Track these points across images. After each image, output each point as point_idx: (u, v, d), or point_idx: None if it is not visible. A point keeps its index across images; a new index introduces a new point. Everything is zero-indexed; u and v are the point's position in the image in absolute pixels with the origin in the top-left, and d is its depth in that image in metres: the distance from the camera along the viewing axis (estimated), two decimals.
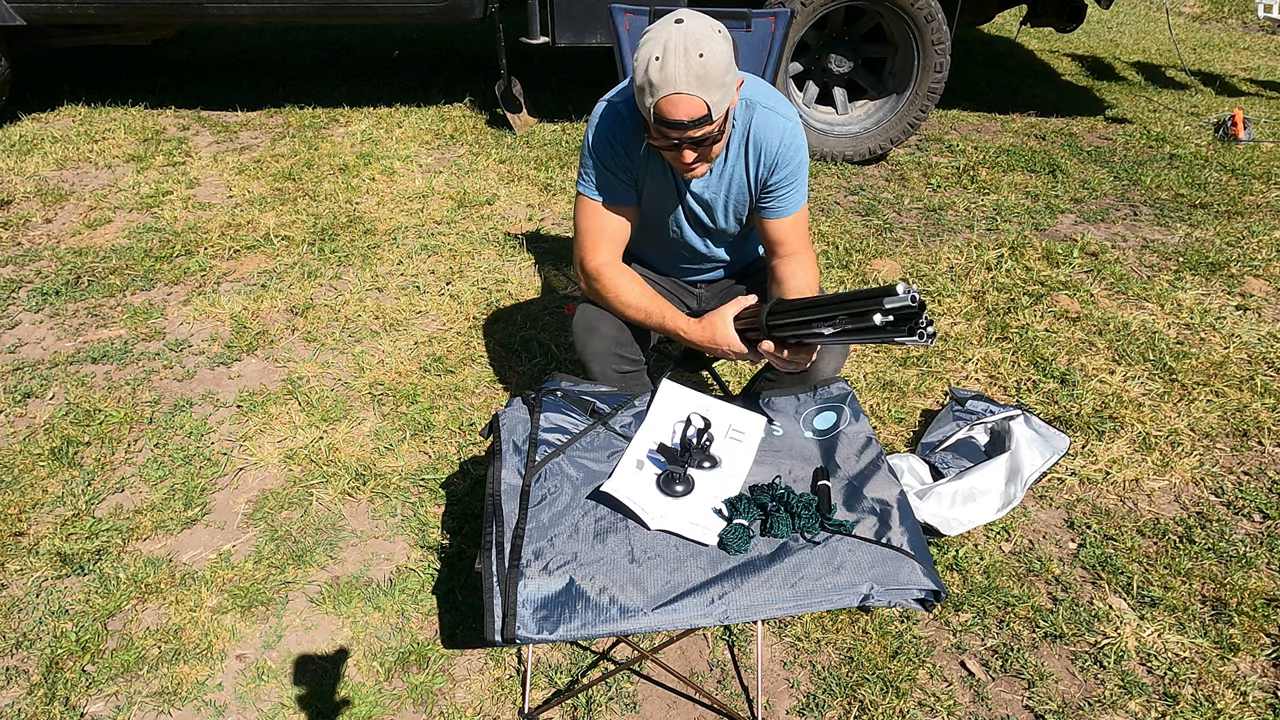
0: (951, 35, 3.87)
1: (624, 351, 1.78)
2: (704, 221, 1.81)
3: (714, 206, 1.78)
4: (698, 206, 1.78)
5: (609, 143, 1.67)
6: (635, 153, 1.67)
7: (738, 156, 1.70)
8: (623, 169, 1.68)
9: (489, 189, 3.74)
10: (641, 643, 1.76)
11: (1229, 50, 6.63)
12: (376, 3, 4.02)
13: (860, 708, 1.67)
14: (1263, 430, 2.42)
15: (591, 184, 1.71)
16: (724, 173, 1.72)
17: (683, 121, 1.45)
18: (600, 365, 1.78)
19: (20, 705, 1.64)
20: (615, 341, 1.77)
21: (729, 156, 1.70)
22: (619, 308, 1.71)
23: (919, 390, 2.55)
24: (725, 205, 1.78)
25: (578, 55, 5.46)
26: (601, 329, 1.77)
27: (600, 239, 1.72)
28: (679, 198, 1.77)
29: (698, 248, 1.89)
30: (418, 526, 2.06)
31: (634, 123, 1.65)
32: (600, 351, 1.77)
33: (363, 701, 1.67)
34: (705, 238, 1.87)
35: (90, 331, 2.75)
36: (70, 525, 2.03)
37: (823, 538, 1.40)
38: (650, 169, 1.72)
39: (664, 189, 1.75)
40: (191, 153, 4.07)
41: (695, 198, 1.76)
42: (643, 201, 1.77)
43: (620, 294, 1.70)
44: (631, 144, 1.67)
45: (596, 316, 1.80)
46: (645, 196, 1.77)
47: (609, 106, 1.69)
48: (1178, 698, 1.69)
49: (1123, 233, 3.55)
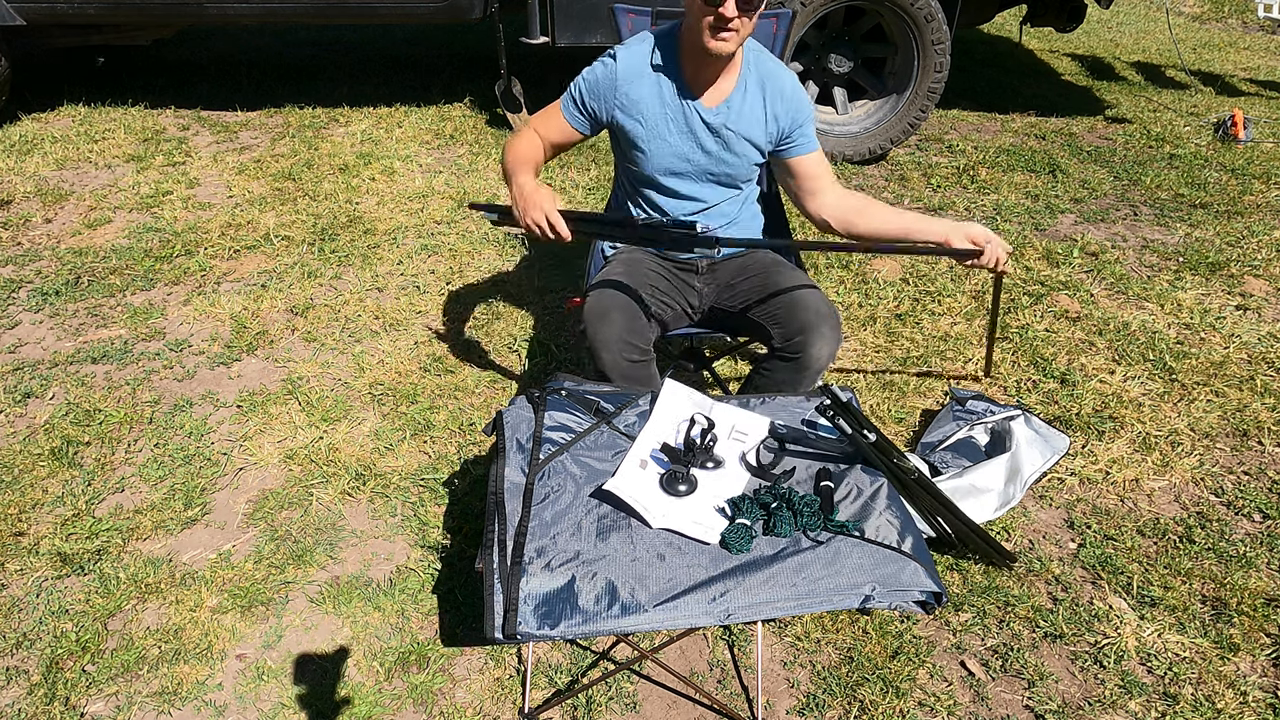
0: (951, 35, 3.88)
1: (635, 340, 1.83)
2: (715, 153, 1.91)
3: (728, 137, 1.89)
4: (710, 137, 1.89)
5: (595, 84, 1.90)
6: (613, 99, 1.89)
7: (756, 92, 1.89)
8: (589, 108, 1.91)
9: (489, 189, 3.74)
10: (641, 642, 1.76)
11: (1229, 50, 6.63)
12: (376, 3, 4.02)
13: (860, 708, 1.67)
14: (1263, 430, 2.42)
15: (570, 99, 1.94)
16: (741, 104, 1.88)
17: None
18: (611, 354, 1.80)
19: (20, 705, 1.64)
20: (627, 330, 1.82)
21: (747, 89, 1.88)
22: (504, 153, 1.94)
23: (919, 390, 2.55)
24: (738, 136, 1.90)
25: (578, 55, 5.46)
26: (613, 316, 1.82)
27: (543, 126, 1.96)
28: (690, 130, 1.89)
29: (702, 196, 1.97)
30: (418, 526, 2.06)
31: (621, 74, 1.86)
32: (611, 339, 1.80)
33: (363, 701, 1.66)
34: (713, 180, 1.96)
35: (90, 331, 2.75)
36: (70, 525, 2.03)
37: (825, 538, 1.40)
38: (646, 115, 1.88)
39: (676, 124, 1.89)
40: (191, 153, 4.07)
41: (710, 128, 1.88)
42: (649, 150, 1.91)
43: (513, 145, 1.93)
44: (606, 88, 1.88)
45: (609, 304, 1.84)
46: (649, 145, 1.90)
47: (605, 61, 1.89)
48: (1178, 698, 1.69)
49: (1123, 233, 3.55)
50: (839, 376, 2.60)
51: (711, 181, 1.96)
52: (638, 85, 1.86)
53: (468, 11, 4.06)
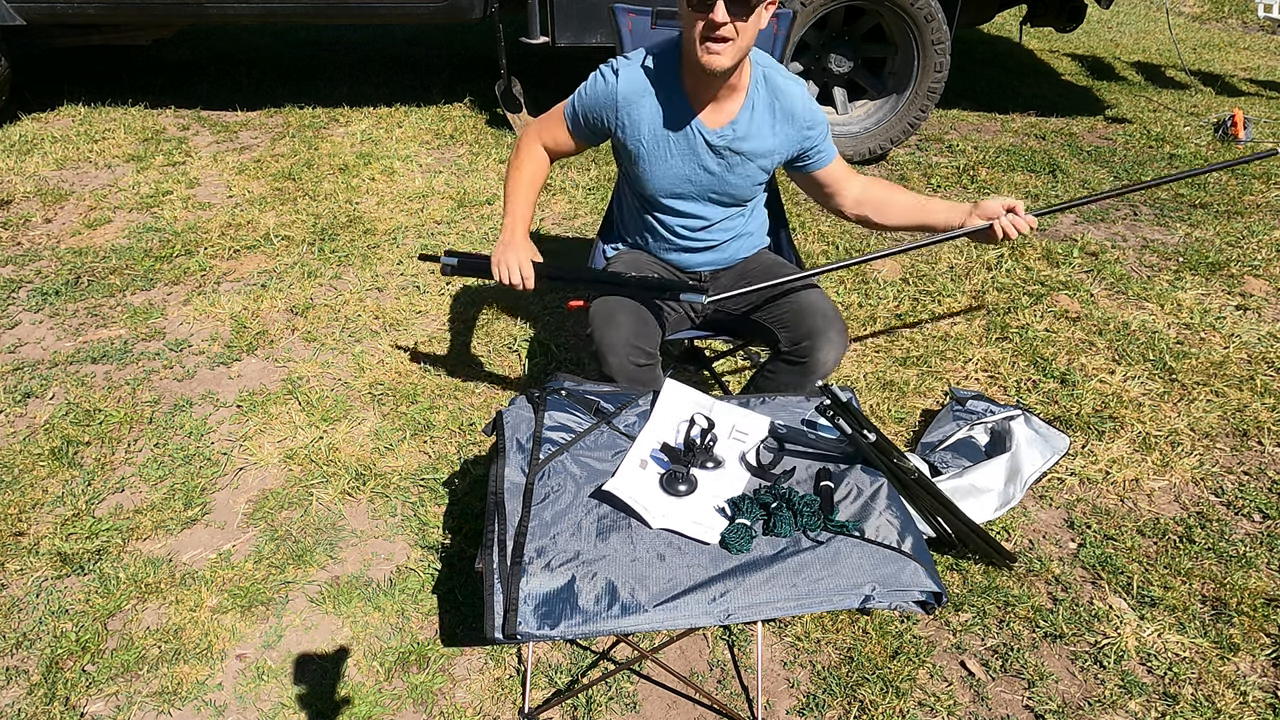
0: (951, 35, 3.87)
1: (642, 344, 1.81)
2: (719, 174, 1.87)
3: (732, 160, 1.85)
4: (713, 159, 1.85)
5: (594, 104, 1.86)
6: (613, 120, 1.85)
7: (765, 113, 1.83)
8: (591, 124, 1.89)
9: (489, 189, 3.74)
10: (641, 643, 1.76)
11: (1229, 50, 6.63)
12: (377, 3, 4.02)
13: (860, 708, 1.67)
14: (1263, 430, 2.42)
15: (571, 112, 1.90)
16: (748, 126, 1.83)
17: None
18: (618, 357, 1.79)
19: (20, 705, 1.64)
20: (634, 334, 1.80)
21: (755, 110, 1.82)
22: (509, 173, 1.93)
23: (919, 390, 2.55)
24: (744, 158, 1.85)
25: (577, 55, 5.46)
26: (620, 319, 1.81)
27: (548, 132, 1.93)
28: (693, 151, 1.84)
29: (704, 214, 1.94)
30: (418, 526, 2.06)
31: (622, 95, 1.81)
32: (618, 343, 1.79)
33: (363, 701, 1.67)
34: (716, 200, 1.93)
35: (90, 331, 2.75)
36: (70, 525, 2.03)
37: (825, 538, 1.40)
38: (646, 138, 1.84)
39: (678, 145, 1.84)
40: (191, 153, 4.07)
41: (713, 149, 1.83)
42: (650, 172, 1.87)
43: (520, 170, 1.91)
44: (606, 107, 1.84)
45: (616, 307, 1.83)
46: (651, 166, 1.86)
47: (605, 77, 1.83)
48: (1178, 698, 1.69)
49: (1123, 233, 3.55)
50: (839, 377, 2.60)
51: (714, 201, 1.92)
52: (639, 106, 1.81)
53: (468, 11, 4.06)
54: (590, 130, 1.89)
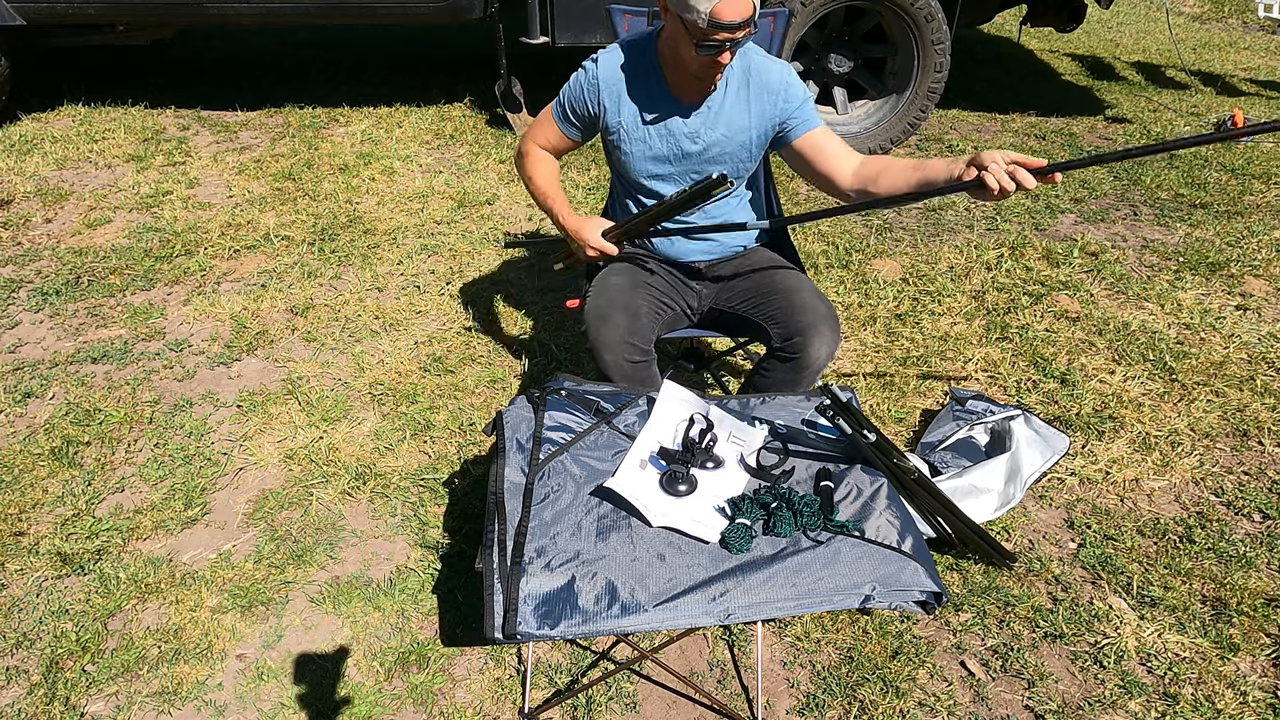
0: (951, 35, 3.87)
1: (636, 341, 1.83)
2: (696, 155, 1.89)
3: (709, 139, 1.88)
4: (689, 141, 1.88)
5: (579, 95, 1.91)
6: (597, 107, 1.90)
7: (739, 90, 1.86)
8: (579, 116, 1.93)
9: (489, 189, 3.74)
10: (641, 642, 1.76)
11: (1229, 50, 6.63)
12: (376, 3, 4.02)
13: (860, 708, 1.67)
14: (1263, 430, 2.42)
15: (559, 109, 1.96)
16: (721, 105, 1.86)
17: (735, 22, 1.61)
18: (613, 355, 1.81)
19: (20, 705, 1.64)
20: (628, 330, 1.83)
21: (728, 89, 1.85)
22: (528, 181, 2.02)
23: (919, 390, 2.55)
24: (720, 137, 1.88)
25: (577, 55, 5.46)
26: (614, 318, 1.83)
27: (542, 136, 2.00)
28: (670, 133, 1.88)
29: None
30: (418, 526, 2.06)
31: (603, 81, 1.87)
32: (613, 340, 1.81)
33: (363, 701, 1.66)
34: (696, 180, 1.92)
35: (90, 331, 2.75)
36: (70, 525, 2.03)
37: (825, 538, 1.40)
38: (626, 121, 1.88)
39: (656, 128, 1.88)
40: (191, 153, 4.07)
41: (689, 131, 1.87)
42: (632, 154, 1.91)
43: (535, 172, 2.00)
44: (589, 94, 1.89)
45: (609, 305, 1.85)
46: (631, 148, 1.90)
47: (586, 69, 1.89)
48: (1178, 698, 1.69)
49: (1123, 233, 3.55)
50: (839, 376, 2.60)
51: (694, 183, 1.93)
52: (619, 89, 1.86)
53: (468, 11, 4.06)
54: (579, 123, 1.94)
